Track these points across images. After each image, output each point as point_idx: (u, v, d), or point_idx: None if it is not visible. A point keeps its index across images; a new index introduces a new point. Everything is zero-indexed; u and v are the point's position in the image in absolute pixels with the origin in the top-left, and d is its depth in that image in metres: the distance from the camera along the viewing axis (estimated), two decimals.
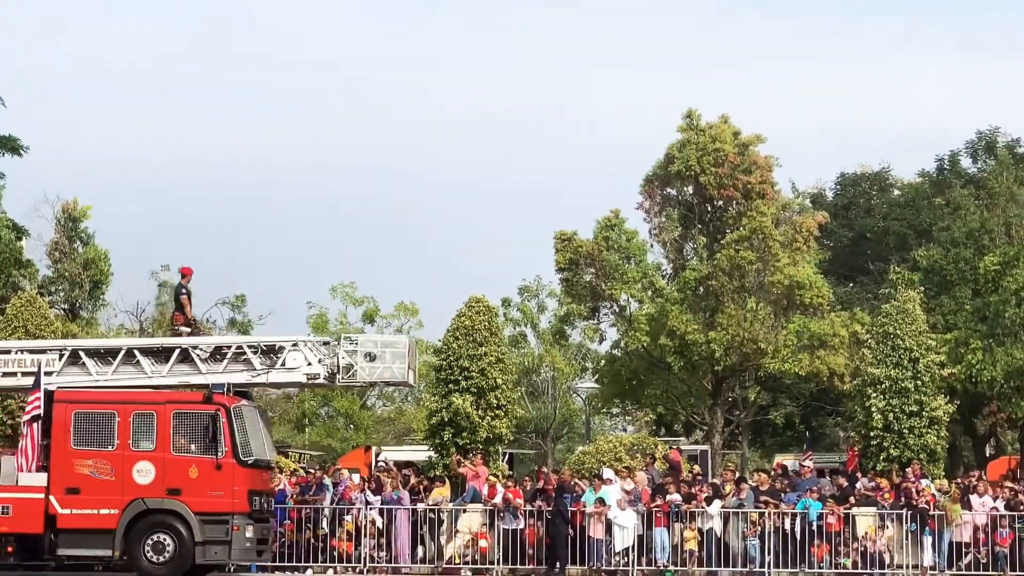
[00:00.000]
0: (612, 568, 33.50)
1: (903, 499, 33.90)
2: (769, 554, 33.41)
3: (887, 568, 33.34)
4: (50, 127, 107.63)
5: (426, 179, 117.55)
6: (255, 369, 31.11)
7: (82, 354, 31.32)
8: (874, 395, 37.61)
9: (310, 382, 31.87)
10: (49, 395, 30.28)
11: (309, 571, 33.91)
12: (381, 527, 34.01)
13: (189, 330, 32.75)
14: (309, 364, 31.14)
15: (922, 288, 45.82)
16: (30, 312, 39.32)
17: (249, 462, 30.13)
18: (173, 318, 34.02)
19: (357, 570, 33.69)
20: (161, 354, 31.37)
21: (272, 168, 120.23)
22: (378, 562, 33.64)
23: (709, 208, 48.37)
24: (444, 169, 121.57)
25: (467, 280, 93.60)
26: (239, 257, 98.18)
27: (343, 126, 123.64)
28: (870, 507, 33.77)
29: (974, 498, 33.78)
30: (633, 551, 33.48)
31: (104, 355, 31.55)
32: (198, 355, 31.14)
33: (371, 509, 34.10)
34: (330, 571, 33.81)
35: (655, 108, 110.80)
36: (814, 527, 33.30)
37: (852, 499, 33.92)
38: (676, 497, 33.76)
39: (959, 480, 36.30)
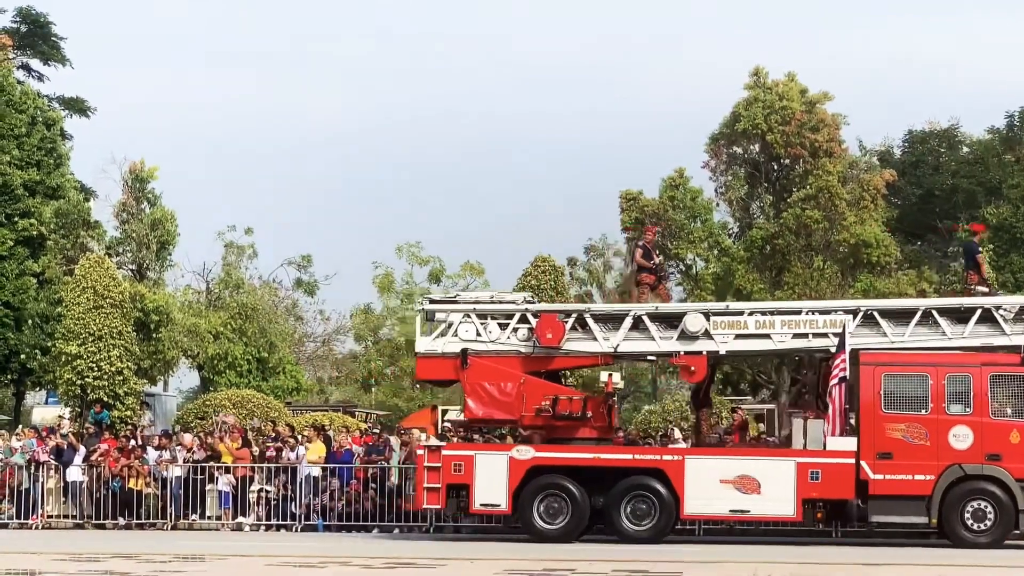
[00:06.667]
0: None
1: None
2: None
3: None
4: (117, 88, 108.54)
5: (491, 139, 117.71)
6: None
7: (876, 314, 30.43)
8: None
9: None
10: (852, 357, 29.58)
11: (375, 530, 34.05)
12: None
13: (986, 290, 31.90)
14: None
15: (991, 246, 45.42)
16: (98, 273, 39.59)
17: None
18: (967, 277, 33.04)
19: (423, 529, 33.80)
20: (958, 314, 30.35)
21: (338, 129, 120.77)
22: (444, 521, 33.70)
23: (775, 166, 48.18)
24: (509, 128, 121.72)
25: (533, 239, 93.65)
26: (304, 217, 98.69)
27: (406, 86, 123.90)
28: None
29: None
30: None
31: (894, 315, 30.60)
32: (1002, 316, 30.13)
33: None
34: (396, 530, 33.90)
35: (721, 66, 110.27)
36: None
37: None
38: None
39: None
